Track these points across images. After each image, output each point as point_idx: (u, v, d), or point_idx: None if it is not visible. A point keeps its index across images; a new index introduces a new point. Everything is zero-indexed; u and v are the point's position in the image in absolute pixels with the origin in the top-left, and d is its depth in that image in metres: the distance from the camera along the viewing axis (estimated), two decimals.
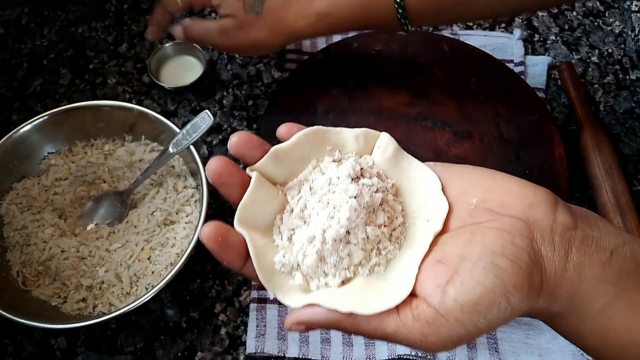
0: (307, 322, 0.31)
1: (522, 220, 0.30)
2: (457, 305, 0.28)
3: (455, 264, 0.29)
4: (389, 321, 0.30)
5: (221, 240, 0.32)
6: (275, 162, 0.34)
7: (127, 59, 0.67)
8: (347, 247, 0.32)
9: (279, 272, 0.33)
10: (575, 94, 0.62)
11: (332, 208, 0.32)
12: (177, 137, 0.51)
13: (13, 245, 0.51)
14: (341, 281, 0.32)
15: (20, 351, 0.50)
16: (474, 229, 0.30)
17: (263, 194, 0.34)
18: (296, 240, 0.33)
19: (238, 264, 0.32)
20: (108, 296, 0.49)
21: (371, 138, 0.35)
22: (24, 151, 0.54)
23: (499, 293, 0.28)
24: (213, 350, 0.50)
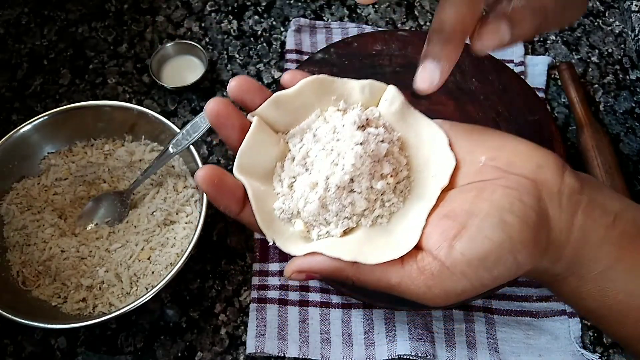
0: (309, 269, 0.30)
1: (530, 179, 0.30)
2: (464, 259, 0.28)
3: (463, 218, 0.29)
4: (393, 272, 0.30)
5: (217, 182, 0.31)
6: (277, 109, 0.33)
7: (127, 59, 0.67)
8: (351, 196, 0.31)
9: (278, 219, 0.32)
10: (575, 94, 0.62)
11: (337, 155, 0.31)
12: (177, 137, 0.51)
13: (13, 245, 0.51)
14: (343, 231, 0.31)
15: (20, 351, 0.50)
16: (482, 186, 0.30)
17: (264, 140, 0.33)
18: (297, 187, 0.32)
19: (235, 208, 0.32)
20: (108, 296, 0.49)
21: (378, 90, 0.34)
22: (24, 151, 0.54)
23: (506, 249, 0.28)
24: (213, 350, 0.50)
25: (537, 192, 0.30)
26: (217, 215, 0.57)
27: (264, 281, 0.53)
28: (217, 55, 0.68)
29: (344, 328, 0.50)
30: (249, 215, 0.32)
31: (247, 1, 0.72)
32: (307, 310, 0.51)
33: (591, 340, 0.51)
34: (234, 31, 0.70)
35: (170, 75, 0.65)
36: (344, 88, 0.34)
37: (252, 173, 0.32)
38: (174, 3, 0.72)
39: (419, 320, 0.50)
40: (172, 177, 0.55)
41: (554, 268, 0.31)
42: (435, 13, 0.30)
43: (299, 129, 0.34)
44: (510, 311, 0.51)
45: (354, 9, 0.72)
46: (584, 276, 0.31)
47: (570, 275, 0.32)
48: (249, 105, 0.34)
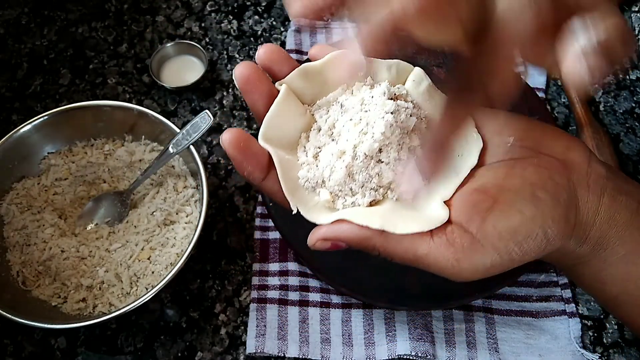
0: (335, 237, 0.30)
1: (560, 160, 0.30)
2: (496, 232, 0.28)
3: (495, 193, 0.29)
4: (421, 243, 0.29)
5: (243, 146, 0.30)
6: (305, 80, 0.33)
7: (127, 59, 0.67)
8: (378, 166, 0.31)
9: (302, 188, 0.31)
10: (575, 94, 0.62)
11: (365, 124, 0.31)
12: (177, 137, 0.51)
13: (13, 245, 0.51)
14: (369, 203, 0.31)
15: (20, 351, 0.50)
16: (512, 164, 0.30)
17: (290, 109, 0.33)
18: (323, 156, 0.31)
19: (259, 175, 0.31)
20: (108, 296, 0.49)
21: (404, 71, 0.34)
22: (24, 151, 0.54)
23: (537, 224, 0.29)
24: (213, 350, 0.50)
25: (566, 173, 0.30)
26: (217, 215, 0.57)
27: (264, 281, 0.53)
28: (217, 55, 0.68)
29: (344, 328, 0.50)
30: (272, 184, 0.31)
31: (247, 1, 0.72)
32: (307, 310, 0.51)
33: (591, 340, 0.51)
34: (234, 31, 0.70)
35: (170, 75, 0.65)
36: (370, 66, 0.34)
37: (277, 142, 0.32)
38: (174, 3, 0.72)
39: (419, 320, 0.50)
40: (172, 177, 0.55)
41: (579, 250, 0.31)
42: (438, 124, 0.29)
43: (326, 100, 0.33)
44: (510, 311, 0.51)
45: None
46: (607, 259, 0.31)
47: (594, 258, 0.32)
48: (276, 73, 0.33)
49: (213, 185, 0.58)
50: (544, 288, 0.53)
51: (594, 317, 0.52)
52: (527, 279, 0.53)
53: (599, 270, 0.32)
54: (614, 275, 0.32)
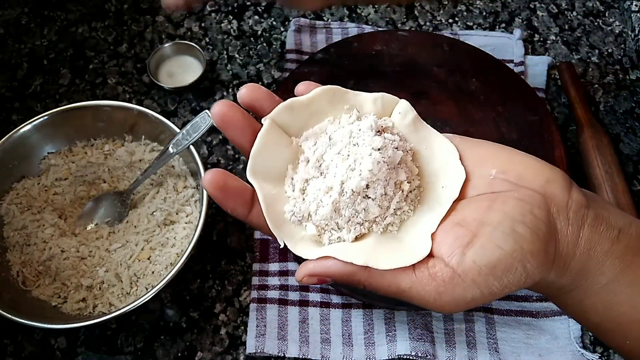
0: (321, 274, 0.31)
1: (540, 193, 0.31)
2: (476, 267, 0.29)
3: (475, 227, 0.30)
4: (404, 277, 0.30)
5: (222, 185, 0.31)
6: (291, 113, 0.34)
7: (127, 59, 0.67)
8: (365, 202, 0.31)
9: (289, 222, 0.32)
10: (575, 94, 0.62)
11: (353, 161, 0.32)
12: (177, 137, 0.51)
13: (13, 245, 0.51)
14: (355, 237, 0.32)
15: (20, 351, 0.50)
16: (493, 197, 0.31)
17: (275, 141, 0.33)
18: (310, 190, 0.32)
19: (242, 211, 0.32)
20: (108, 296, 0.49)
21: (389, 103, 0.35)
22: (24, 151, 0.54)
23: (516, 258, 0.29)
24: (213, 350, 0.50)
25: (546, 206, 0.30)
26: (217, 215, 0.57)
27: (264, 281, 0.53)
28: (217, 55, 0.68)
29: (344, 328, 0.50)
30: (257, 217, 0.32)
31: (247, 1, 0.72)
32: (307, 310, 0.51)
33: (591, 340, 0.51)
34: (234, 31, 0.70)
35: (169, 75, 0.65)
36: (356, 99, 0.35)
37: (265, 175, 0.33)
38: None
39: (419, 320, 0.50)
40: (172, 177, 0.55)
41: (559, 281, 0.32)
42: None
43: (312, 132, 0.34)
44: (510, 311, 0.51)
45: (354, 9, 0.72)
46: (588, 289, 0.32)
47: (575, 288, 0.32)
48: (259, 111, 0.34)
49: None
50: None
51: None
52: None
53: (581, 299, 0.33)
54: (596, 304, 0.32)
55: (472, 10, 0.72)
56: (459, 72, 0.63)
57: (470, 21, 0.71)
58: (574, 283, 0.32)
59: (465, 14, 0.72)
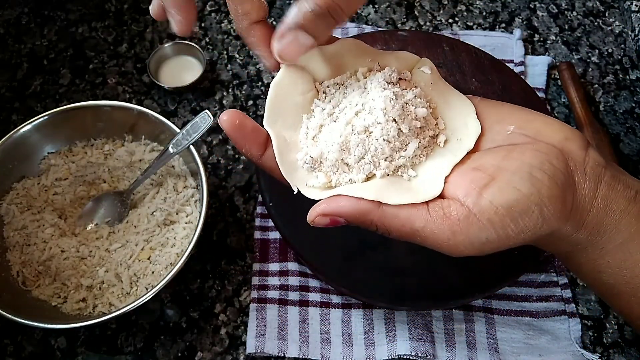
0: (333, 212, 0.31)
1: (558, 148, 0.31)
2: (492, 206, 0.29)
3: (492, 171, 0.30)
4: (418, 215, 0.30)
5: (239, 125, 0.32)
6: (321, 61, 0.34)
7: (127, 59, 0.67)
8: (374, 140, 0.32)
9: (301, 169, 0.33)
10: (575, 94, 0.62)
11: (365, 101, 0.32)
12: (177, 137, 0.51)
13: (13, 245, 0.51)
14: (365, 177, 0.32)
15: (20, 351, 0.50)
16: (511, 148, 0.31)
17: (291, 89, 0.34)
18: (322, 136, 0.33)
19: (256, 152, 0.33)
20: (108, 296, 0.49)
21: (412, 60, 0.36)
22: (24, 151, 0.54)
23: (533, 201, 0.29)
24: (213, 350, 0.50)
25: (564, 159, 0.31)
26: (217, 215, 0.57)
27: (264, 281, 0.53)
28: (217, 55, 0.68)
29: (344, 328, 0.50)
30: (270, 161, 0.33)
31: None
32: (307, 310, 0.51)
33: (591, 340, 0.51)
34: (234, 31, 0.70)
35: (169, 75, 0.65)
36: (379, 55, 0.36)
37: (282, 123, 0.33)
38: None
39: (419, 320, 0.50)
40: (172, 177, 0.55)
41: (575, 236, 0.32)
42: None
43: (332, 82, 0.35)
44: (510, 311, 0.51)
45: None
46: (603, 247, 0.32)
47: (590, 245, 0.32)
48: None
49: (213, 185, 0.58)
50: (544, 288, 0.53)
51: (594, 317, 0.52)
52: (527, 279, 0.53)
53: (595, 258, 0.33)
54: (610, 263, 0.32)
55: (472, 10, 0.72)
56: (459, 72, 0.63)
57: (470, 21, 0.71)
58: (589, 239, 0.32)
59: (465, 14, 0.72)
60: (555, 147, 0.31)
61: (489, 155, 0.32)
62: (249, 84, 0.66)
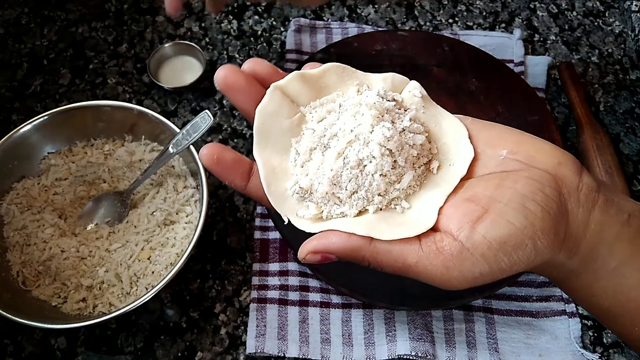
0: (324, 250, 0.30)
1: (551, 174, 0.31)
2: (485, 241, 0.29)
3: (485, 203, 0.30)
4: (410, 250, 0.30)
5: (217, 159, 0.32)
6: (301, 84, 0.33)
7: (127, 59, 0.67)
8: (369, 175, 0.31)
9: (291, 197, 0.32)
10: (575, 94, 0.62)
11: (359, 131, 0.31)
12: (177, 137, 0.51)
13: (13, 245, 0.51)
14: (358, 212, 0.31)
15: (20, 351, 0.50)
16: (504, 176, 0.31)
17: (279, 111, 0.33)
18: (312, 164, 0.32)
19: (239, 183, 0.33)
20: (108, 296, 0.49)
21: (399, 83, 0.35)
22: (24, 151, 0.54)
23: (527, 235, 0.29)
24: (213, 350, 0.50)
25: (557, 186, 0.30)
26: (217, 215, 0.57)
27: (264, 281, 0.53)
28: (217, 55, 0.68)
29: (344, 328, 0.50)
30: (256, 189, 0.32)
31: (247, 1, 0.72)
32: (307, 310, 0.51)
33: (591, 340, 0.51)
34: (234, 31, 0.70)
35: (169, 75, 0.65)
36: (366, 77, 0.35)
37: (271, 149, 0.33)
38: None
39: (419, 320, 0.50)
40: (172, 177, 0.55)
41: (569, 263, 0.31)
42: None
43: (320, 102, 0.34)
44: (510, 311, 0.51)
45: (353, 9, 0.72)
46: (597, 272, 0.32)
47: (584, 271, 0.32)
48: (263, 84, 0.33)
49: (213, 185, 0.58)
50: (544, 288, 0.53)
51: (594, 317, 0.52)
52: (527, 279, 0.53)
53: (590, 283, 0.32)
54: (605, 288, 0.32)
55: (472, 10, 0.72)
56: (459, 72, 0.63)
57: (470, 21, 0.71)
58: (583, 265, 0.32)
59: (465, 14, 0.72)
60: (549, 173, 0.31)
61: (481, 183, 0.31)
62: None
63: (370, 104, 0.31)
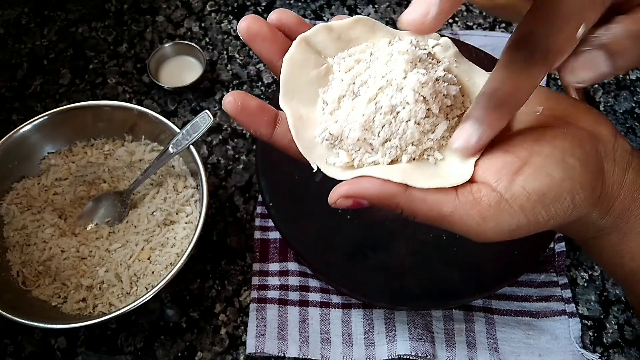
0: (357, 194, 0.29)
1: (589, 132, 0.31)
2: (524, 192, 0.28)
3: (524, 156, 0.29)
4: (446, 200, 0.29)
5: (241, 106, 0.31)
6: (329, 35, 0.32)
7: (127, 59, 0.67)
8: (402, 122, 0.29)
9: (320, 145, 0.31)
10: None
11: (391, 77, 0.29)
12: (177, 137, 0.51)
13: (13, 245, 0.51)
14: (390, 161, 0.30)
15: (20, 351, 0.50)
16: (542, 131, 0.31)
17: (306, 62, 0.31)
18: (342, 111, 0.30)
19: (265, 132, 0.31)
20: (108, 296, 0.49)
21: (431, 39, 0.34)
22: (24, 151, 0.54)
23: (566, 188, 0.29)
24: (213, 350, 0.50)
25: (595, 144, 0.30)
26: (217, 215, 0.57)
27: (264, 281, 0.53)
28: (217, 55, 0.68)
29: (344, 328, 0.50)
30: (282, 138, 0.31)
31: (247, 1, 0.72)
32: (307, 310, 0.51)
33: (591, 340, 0.51)
34: (234, 31, 0.70)
35: (169, 75, 0.65)
36: (395, 33, 0.33)
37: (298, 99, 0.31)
38: (174, 3, 0.72)
39: (419, 320, 0.50)
40: (172, 177, 0.55)
41: (601, 221, 0.32)
42: (490, 75, 0.29)
43: (348, 53, 0.32)
44: (510, 311, 0.51)
45: (353, 9, 0.72)
46: (627, 233, 0.32)
47: (614, 231, 0.32)
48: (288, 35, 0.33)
49: (213, 185, 0.58)
50: (544, 288, 0.53)
51: (594, 317, 0.52)
52: (527, 279, 0.53)
53: (618, 243, 0.33)
54: (632, 248, 0.32)
55: (472, 10, 0.72)
56: None
57: (470, 21, 0.71)
58: (613, 225, 0.32)
59: (465, 14, 0.72)
60: (587, 131, 0.31)
61: (519, 137, 0.31)
62: (249, 84, 0.66)
63: (403, 50, 0.30)
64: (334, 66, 0.32)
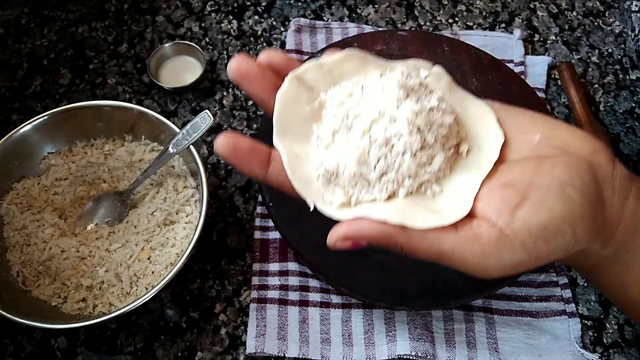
0: (355, 236, 0.29)
1: (587, 161, 0.30)
2: (525, 228, 0.28)
3: (524, 188, 0.29)
4: (446, 238, 0.29)
5: (233, 147, 0.30)
6: (319, 71, 0.32)
7: (127, 59, 0.67)
8: (398, 155, 0.29)
9: (316, 181, 0.30)
10: (575, 94, 0.62)
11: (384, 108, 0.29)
12: (177, 137, 0.51)
13: (13, 245, 0.51)
14: (387, 196, 0.30)
15: (20, 351, 0.50)
16: (540, 161, 0.30)
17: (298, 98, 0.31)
18: (336, 145, 0.30)
19: (259, 170, 0.31)
20: (108, 296, 0.49)
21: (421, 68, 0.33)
22: (24, 151, 0.54)
23: (566, 221, 0.28)
24: (213, 350, 0.50)
25: (593, 173, 0.30)
26: (217, 215, 0.57)
27: (264, 281, 0.53)
28: (217, 55, 0.68)
29: (344, 328, 0.50)
30: (277, 176, 0.31)
31: (247, 1, 0.72)
32: (307, 310, 0.51)
33: (591, 340, 0.51)
34: (234, 31, 0.70)
35: (169, 75, 0.65)
36: (387, 64, 0.33)
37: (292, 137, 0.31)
38: (174, 3, 0.72)
39: (419, 320, 0.50)
40: (172, 177, 0.55)
41: (602, 252, 0.31)
42: None
43: (340, 87, 0.32)
44: (510, 311, 0.51)
45: (354, 9, 0.72)
46: (629, 263, 0.32)
47: (617, 261, 0.32)
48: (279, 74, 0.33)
49: (213, 185, 0.58)
50: (544, 288, 0.53)
51: (594, 317, 0.52)
52: (527, 279, 0.53)
53: (621, 273, 0.32)
54: (636, 278, 0.32)
55: (472, 10, 0.72)
56: (459, 72, 0.63)
57: (470, 21, 0.71)
58: (615, 255, 0.31)
59: (465, 14, 0.72)
60: (584, 160, 0.30)
61: (517, 168, 0.30)
62: None
63: (395, 81, 0.30)
64: (327, 101, 0.32)
